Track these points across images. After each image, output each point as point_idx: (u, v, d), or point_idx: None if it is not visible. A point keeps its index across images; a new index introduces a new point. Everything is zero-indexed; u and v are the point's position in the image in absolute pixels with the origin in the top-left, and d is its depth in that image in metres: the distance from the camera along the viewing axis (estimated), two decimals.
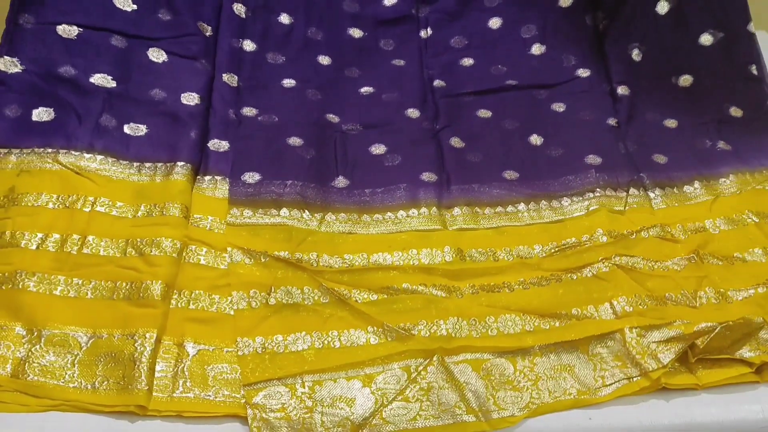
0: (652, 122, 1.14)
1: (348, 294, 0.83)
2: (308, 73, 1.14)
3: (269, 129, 1.04)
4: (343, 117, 1.09)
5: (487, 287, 0.87)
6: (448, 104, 1.13)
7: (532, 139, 1.09)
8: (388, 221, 0.95)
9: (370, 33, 1.21)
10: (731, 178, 1.06)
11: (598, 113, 1.14)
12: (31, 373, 0.71)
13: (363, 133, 1.07)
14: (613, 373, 0.78)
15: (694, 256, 0.92)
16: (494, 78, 1.19)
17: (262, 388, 0.74)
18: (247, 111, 1.06)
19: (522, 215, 0.98)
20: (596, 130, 1.12)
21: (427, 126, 1.10)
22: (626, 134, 1.11)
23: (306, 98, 1.11)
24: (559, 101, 1.16)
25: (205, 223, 0.89)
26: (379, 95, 1.14)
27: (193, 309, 0.80)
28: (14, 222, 0.83)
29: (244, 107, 1.07)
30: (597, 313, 0.85)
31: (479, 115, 1.13)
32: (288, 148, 1.02)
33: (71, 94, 0.96)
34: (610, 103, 1.16)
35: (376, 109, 1.12)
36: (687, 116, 1.14)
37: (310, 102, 1.10)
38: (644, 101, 1.16)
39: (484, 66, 1.20)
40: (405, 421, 0.72)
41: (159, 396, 0.72)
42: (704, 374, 0.79)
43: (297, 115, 1.07)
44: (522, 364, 0.79)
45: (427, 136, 1.08)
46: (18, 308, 0.76)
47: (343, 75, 1.16)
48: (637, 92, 1.16)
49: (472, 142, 1.07)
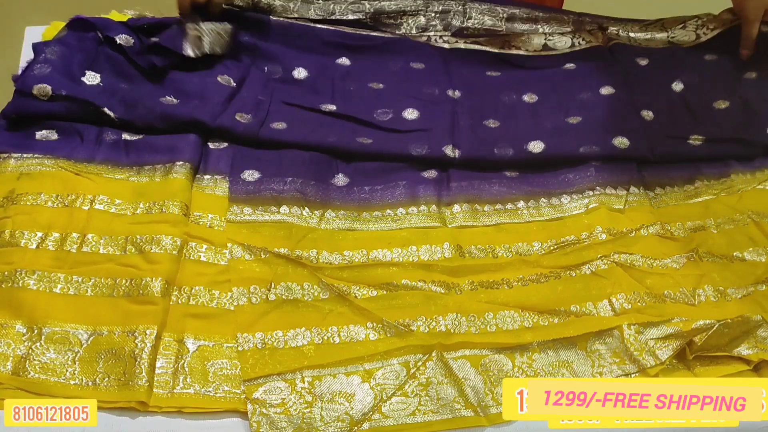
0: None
1: (347, 290, 0.83)
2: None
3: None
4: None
5: (486, 284, 0.87)
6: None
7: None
8: (388, 218, 0.95)
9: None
10: (731, 177, 1.06)
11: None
12: (31, 371, 0.71)
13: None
14: (611, 369, 0.79)
15: (693, 254, 0.92)
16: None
17: (262, 383, 0.74)
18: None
19: (521, 212, 0.98)
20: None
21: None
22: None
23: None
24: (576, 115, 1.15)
25: (206, 221, 0.89)
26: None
27: (194, 305, 0.80)
28: (14, 221, 0.83)
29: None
30: (596, 310, 0.85)
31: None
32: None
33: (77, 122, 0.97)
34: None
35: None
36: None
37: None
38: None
39: (505, 126, 1.13)
40: (404, 416, 0.72)
41: (159, 392, 0.72)
42: (702, 371, 0.79)
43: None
44: (521, 360, 0.79)
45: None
46: (18, 306, 0.76)
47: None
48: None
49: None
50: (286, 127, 1.02)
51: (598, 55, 1.21)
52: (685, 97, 1.15)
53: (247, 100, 1.04)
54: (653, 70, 1.19)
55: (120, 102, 0.99)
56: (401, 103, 1.09)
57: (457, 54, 1.19)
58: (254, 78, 1.08)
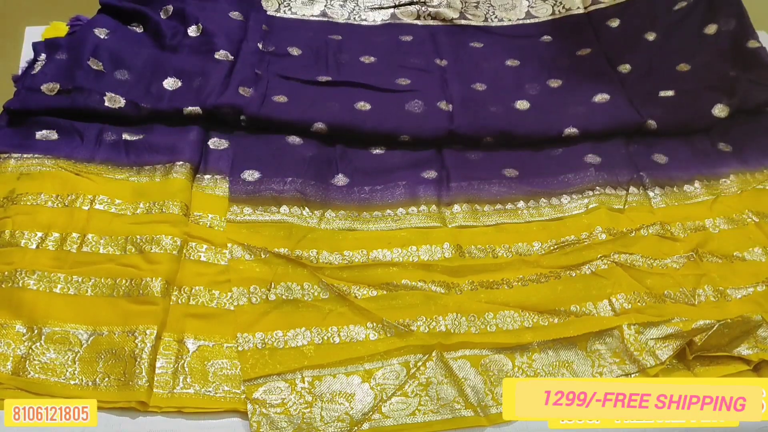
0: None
1: (348, 290, 0.83)
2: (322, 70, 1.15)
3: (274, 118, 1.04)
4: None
5: (486, 284, 0.87)
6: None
7: None
8: (388, 218, 0.95)
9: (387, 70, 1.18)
10: (731, 178, 1.06)
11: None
12: (32, 371, 0.72)
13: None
14: (611, 369, 0.79)
15: (693, 255, 0.92)
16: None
17: (262, 383, 0.74)
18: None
19: (521, 213, 0.98)
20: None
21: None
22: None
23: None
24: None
25: (206, 221, 0.89)
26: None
27: (194, 305, 0.80)
28: (14, 221, 0.84)
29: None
30: (596, 310, 0.85)
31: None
32: (287, 146, 1.02)
33: (76, 120, 0.98)
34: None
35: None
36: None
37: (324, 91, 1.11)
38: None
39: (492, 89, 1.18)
40: (404, 415, 0.72)
41: (159, 392, 0.72)
42: (702, 371, 0.80)
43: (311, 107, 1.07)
44: (521, 360, 0.79)
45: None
46: (18, 306, 0.76)
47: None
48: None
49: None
50: (288, 100, 1.06)
51: (576, 22, 1.29)
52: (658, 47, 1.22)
53: (246, 74, 1.07)
54: (625, 27, 1.26)
55: (124, 90, 1.01)
56: (394, 73, 1.15)
57: (442, 27, 1.27)
58: (248, 51, 1.12)
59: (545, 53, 1.24)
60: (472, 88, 1.15)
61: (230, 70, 1.06)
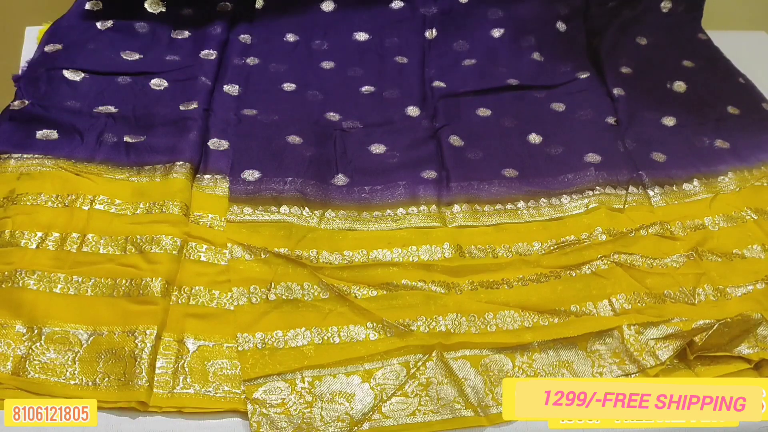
0: (650, 121, 1.15)
1: (348, 290, 0.83)
2: (309, 78, 1.17)
3: (269, 127, 1.05)
4: (343, 115, 1.10)
5: (486, 284, 0.87)
6: (447, 104, 1.14)
7: (531, 137, 1.10)
8: (388, 218, 0.95)
9: (376, 35, 1.24)
10: (730, 175, 1.06)
11: (597, 112, 1.16)
12: (32, 371, 0.72)
13: (363, 131, 1.08)
14: (611, 369, 0.79)
15: (693, 254, 0.92)
16: (494, 77, 1.20)
17: (262, 383, 0.74)
18: (247, 112, 1.08)
19: (521, 213, 0.98)
20: (595, 128, 1.13)
21: (427, 124, 1.10)
22: (625, 133, 1.11)
23: (306, 99, 1.13)
24: (559, 101, 1.17)
25: (206, 221, 0.89)
26: (380, 93, 1.15)
27: (194, 305, 0.80)
28: (14, 221, 0.84)
29: (245, 109, 1.08)
30: (596, 310, 0.85)
31: (479, 114, 1.14)
32: (288, 146, 1.02)
33: (75, 118, 0.99)
34: (609, 103, 1.17)
35: (377, 107, 1.13)
36: (685, 115, 1.16)
37: (310, 102, 1.12)
38: (641, 102, 1.17)
39: (484, 66, 1.22)
40: (404, 416, 0.72)
41: (159, 392, 0.72)
42: (703, 371, 0.79)
43: (297, 115, 1.09)
44: (521, 360, 0.79)
45: (426, 135, 1.08)
46: (18, 306, 0.76)
47: (345, 75, 1.18)
48: (633, 95, 1.18)
49: (471, 140, 1.08)
50: (296, 88, 1.12)
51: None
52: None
53: (235, 70, 1.13)
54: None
55: (115, 96, 1.05)
56: (388, 52, 1.23)
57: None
58: (233, 49, 1.17)
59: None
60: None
61: (217, 66, 1.13)
